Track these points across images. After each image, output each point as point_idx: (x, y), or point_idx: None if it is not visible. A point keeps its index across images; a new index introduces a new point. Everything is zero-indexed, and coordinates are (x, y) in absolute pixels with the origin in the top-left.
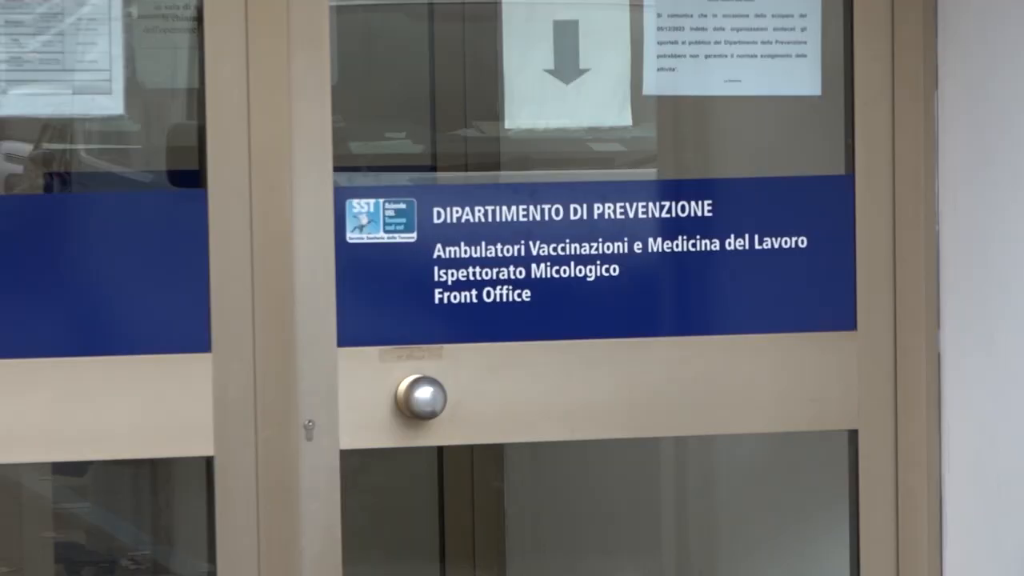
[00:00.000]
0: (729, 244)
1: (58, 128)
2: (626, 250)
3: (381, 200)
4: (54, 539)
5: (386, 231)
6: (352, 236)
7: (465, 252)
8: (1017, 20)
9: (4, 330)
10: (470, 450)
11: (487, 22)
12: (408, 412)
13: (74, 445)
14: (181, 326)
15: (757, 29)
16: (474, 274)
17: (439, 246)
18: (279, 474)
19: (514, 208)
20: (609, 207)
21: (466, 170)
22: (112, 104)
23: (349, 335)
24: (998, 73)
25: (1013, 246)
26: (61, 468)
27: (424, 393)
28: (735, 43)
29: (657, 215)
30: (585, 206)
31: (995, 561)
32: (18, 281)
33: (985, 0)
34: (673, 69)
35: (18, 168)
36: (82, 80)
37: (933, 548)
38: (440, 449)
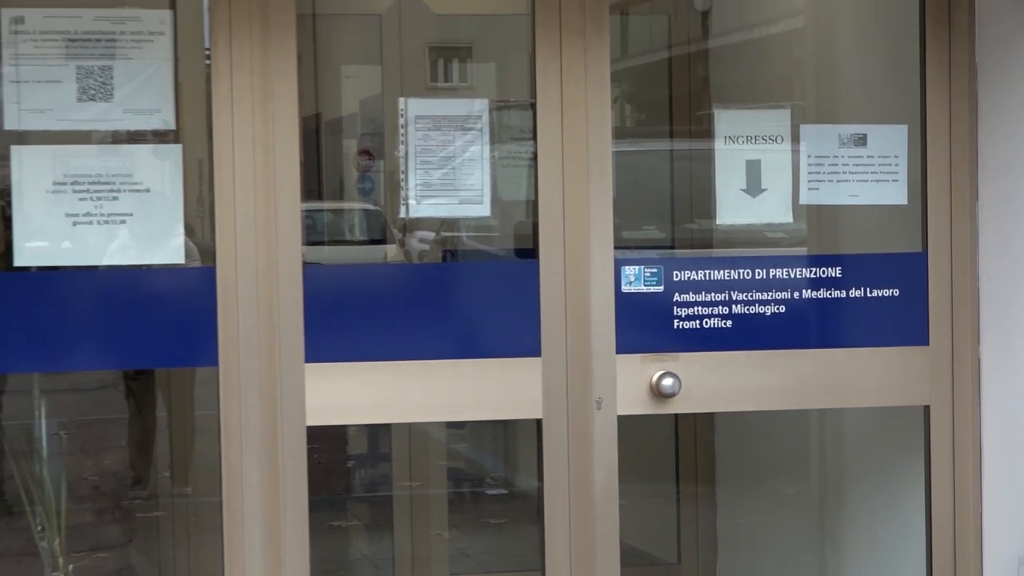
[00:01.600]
0: (851, 293)
1: (450, 223)
2: (789, 296)
3: (642, 266)
4: (446, 466)
5: (645, 285)
6: (625, 288)
7: (693, 298)
8: None
9: (422, 341)
10: (695, 416)
11: (705, 160)
12: (658, 393)
13: (460, 411)
14: (523, 340)
15: (868, 164)
16: (698, 311)
17: (677, 294)
18: (580, 430)
19: (721, 271)
20: (779, 271)
21: (692, 248)
22: (483, 209)
23: (623, 346)
24: (1017, 190)
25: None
26: (451, 424)
27: (668, 381)
28: (855, 172)
29: (807, 276)
30: (764, 270)
31: (1015, 488)
32: (427, 313)
33: (1009, 144)
34: (817, 188)
35: (426, 247)
36: (464, 195)
37: (976, 480)
38: (676, 416)
